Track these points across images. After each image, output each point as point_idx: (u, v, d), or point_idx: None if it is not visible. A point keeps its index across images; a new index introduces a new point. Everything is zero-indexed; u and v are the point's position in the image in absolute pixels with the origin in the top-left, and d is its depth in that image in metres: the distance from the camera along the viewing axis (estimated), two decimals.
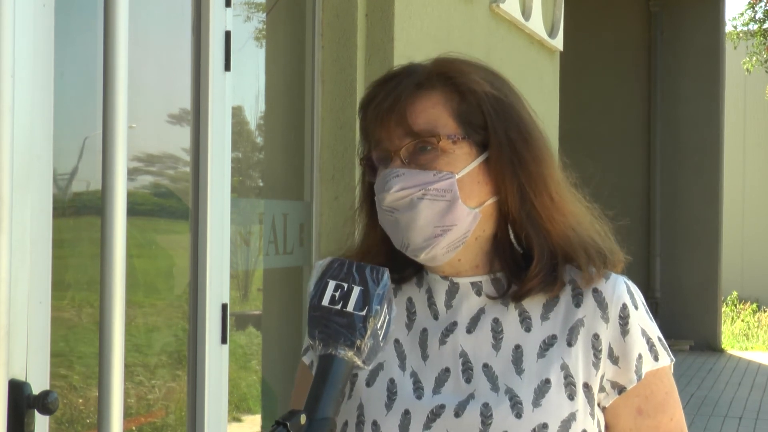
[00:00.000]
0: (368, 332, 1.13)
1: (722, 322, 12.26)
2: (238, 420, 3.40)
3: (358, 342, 1.13)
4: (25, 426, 1.88)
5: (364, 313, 1.14)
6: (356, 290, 1.15)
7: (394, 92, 1.41)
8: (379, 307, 1.15)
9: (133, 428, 2.77)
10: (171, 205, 3.00)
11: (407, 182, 1.38)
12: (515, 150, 1.41)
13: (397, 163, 1.39)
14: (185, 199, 2.86)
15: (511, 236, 1.44)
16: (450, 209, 1.38)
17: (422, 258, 1.40)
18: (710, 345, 11.42)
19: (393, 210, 1.39)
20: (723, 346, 11.60)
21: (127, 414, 2.60)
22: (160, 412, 2.87)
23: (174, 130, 2.96)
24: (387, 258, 1.47)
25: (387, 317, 1.17)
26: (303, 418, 1.09)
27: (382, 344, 1.17)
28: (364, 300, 1.14)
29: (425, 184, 1.37)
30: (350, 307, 1.14)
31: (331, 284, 1.16)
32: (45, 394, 1.89)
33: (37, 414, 1.90)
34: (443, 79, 1.42)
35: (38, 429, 1.93)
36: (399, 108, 1.40)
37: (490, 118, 1.41)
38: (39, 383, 1.97)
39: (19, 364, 1.91)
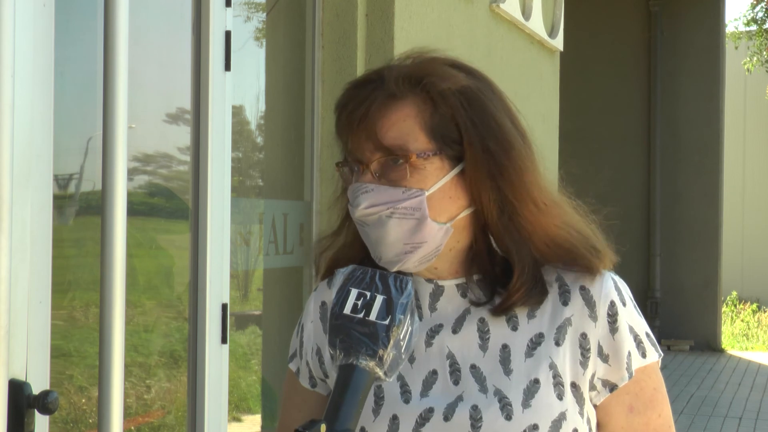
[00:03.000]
0: (391, 342, 1.10)
1: (722, 322, 12.26)
2: (238, 420, 3.40)
3: (381, 352, 1.10)
4: (25, 426, 1.88)
5: (387, 322, 1.11)
6: (379, 299, 1.12)
7: (365, 103, 1.36)
8: (402, 316, 1.12)
9: (133, 428, 2.77)
10: (171, 204, 3.00)
11: (375, 199, 1.34)
12: (495, 161, 1.36)
13: (367, 177, 1.36)
14: (185, 198, 2.86)
15: (493, 243, 1.41)
16: (419, 227, 1.34)
17: (395, 269, 1.37)
18: (710, 345, 11.41)
19: (363, 224, 1.37)
20: (723, 346, 11.60)
21: (128, 414, 2.60)
22: (160, 412, 2.87)
23: (174, 129, 2.96)
24: (366, 256, 1.45)
25: (410, 328, 1.14)
26: (323, 429, 1.06)
27: (404, 356, 1.13)
28: (388, 309, 1.12)
29: (394, 202, 1.34)
30: (373, 316, 1.11)
31: (354, 292, 1.14)
32: (45, 394, 1.89)
33: (37, 414, 1.90)
34: (415, 86, 1.37)
35: (38, 429, 1.93)
36: (368, 121, 1.35)
37: (465, 131, 1.36)
38: (39, 383, 1.97)
39: (19, 363, 1.91)
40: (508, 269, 1.40)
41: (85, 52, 2.45)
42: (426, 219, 1.34)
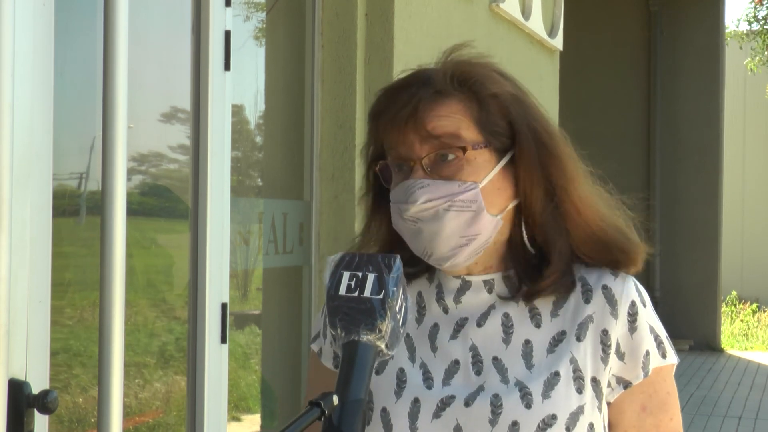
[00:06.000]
0: (388, 314, 1.14)
1: (722, 321, 12.26)
2: (238, 419, 3.40)
3: (380, 324, 1.14)
4: (24, 425, 1.88)
5: (381, 296, 1.15)
6: (371, 277, 1.16)
7: (412, 101, 1.39)
8: (395, 288, 1.16)
9: (131, 428, 2.77)
10: (171, 204, 3.01)
11: (433, 194, 1.37)
12: (546, 150, 1.41)
13: (419, 173, 1.39)
14: (185, 198, 2.87)
15: (525, 237, 1.44)
16: (475, 219, 1.38)
17: (445, 266, 1.42)
18: (710, 345, 11.41)
19: (417, 220, 1.39)
20: (722, 346, 11.60)
21: (127, 413, 2.60)
22: (159, 412, 2.88)
23: (173, 129, 2.96)
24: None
25: (404, 303, 1.19)
26: (335, 399, 1.10)
27: (402, 330, 1.18)
28: (380, 285, 1.16)
29: (451, 195, 1.37)
30: (367, 293, 1.15)
31: (346, 275, 1.17)
32: (44, 394, 1.89)
33: (36, 413, 1.91)
34: (462, 85, 1.41)
35: (38, 428, 1.93)
36: (417, 117, 1.38)
37: (517, 123, 1.41)
38: (38, 382, 1.97)
39: (18, 363, 1.91)
40: (537, 267, 1.44)
41: (85, 52, 2.45)
42: (483, 211, 1.38)
